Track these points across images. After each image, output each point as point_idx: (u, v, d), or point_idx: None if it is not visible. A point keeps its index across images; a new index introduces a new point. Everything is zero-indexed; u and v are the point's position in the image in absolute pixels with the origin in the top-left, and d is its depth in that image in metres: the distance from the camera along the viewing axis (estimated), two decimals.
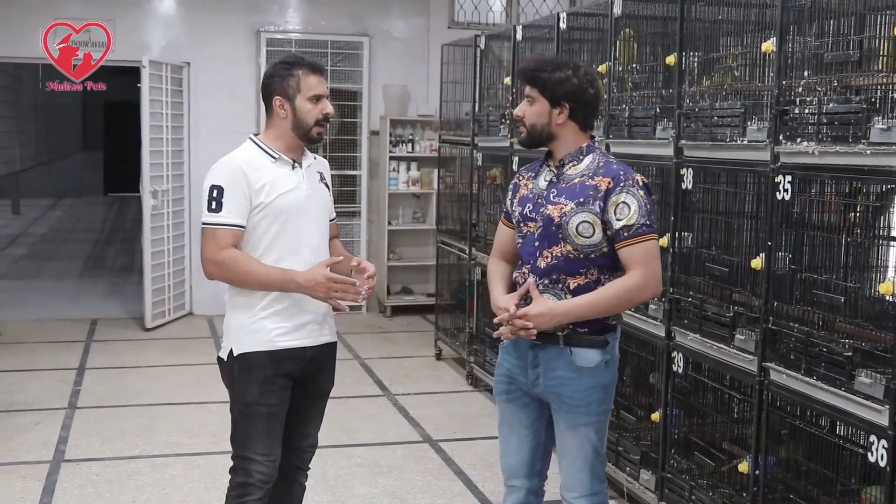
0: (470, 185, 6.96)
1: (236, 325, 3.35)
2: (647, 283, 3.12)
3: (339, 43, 9.21)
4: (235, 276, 3.28)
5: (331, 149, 9.31)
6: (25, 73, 18.57)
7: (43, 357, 7.47)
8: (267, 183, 3.28)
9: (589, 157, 3.22)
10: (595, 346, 3.18)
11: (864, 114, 3.12)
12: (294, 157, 3.39)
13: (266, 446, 3.34)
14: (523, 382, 3.30)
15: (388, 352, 7.94)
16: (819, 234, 3.51)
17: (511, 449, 3.40)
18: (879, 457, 3.04)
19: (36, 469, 5.10)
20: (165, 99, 8.59)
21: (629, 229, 3.09)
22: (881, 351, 3.11)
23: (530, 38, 6.00)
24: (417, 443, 5.66)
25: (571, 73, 3.17)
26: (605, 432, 3.30)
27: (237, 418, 3.38)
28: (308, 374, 3.43)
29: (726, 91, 3.93)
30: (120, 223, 17.99)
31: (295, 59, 3.41)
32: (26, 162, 21.15)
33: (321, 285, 3.25)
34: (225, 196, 3.24)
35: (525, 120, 3.24)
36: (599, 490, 3.29)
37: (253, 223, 3.29)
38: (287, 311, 3.33)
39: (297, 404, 3.45)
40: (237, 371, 3.33)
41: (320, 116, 3.36)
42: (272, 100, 3.36)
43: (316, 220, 3.43)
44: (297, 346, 3.36)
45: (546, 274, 3.18)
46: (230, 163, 3.30)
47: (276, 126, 3.37)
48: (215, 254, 3.25)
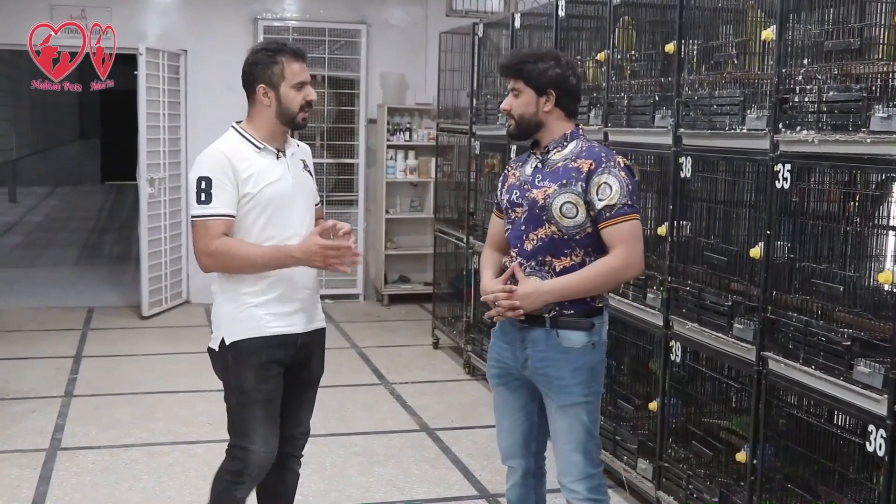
0: (468, 173, 6.95)
1: (227, 314, 3.33)
2: (631, 261, 3.19)
3: (336, 31, 9.18)
4: (231, 263, 3.26)
5: (328, 137, 9.30)
6: (22, 60, 18.50)
7: (39, 345, 7.46)
8: (253, 173, 3.26)
9: (573, 142, 3.30)
10: (581, 327, 3.24)
11: (864, 102, 3.11)
12: (278, 147, 3.36)
13: (265, 437, 3.33)
14: (513, 366, 3.37)
15: (386, 340, 7.93)
16: (818, 223, 3.50)
17: (505, 431, 3.50)
18: (878, 446, 3.03)
19: (32, 457, 5.09)
20: (162, 87, 8.56)
21: (611, 209, 3.15)
22: (880, 340, 3.11)
23: (529, 25, 5.97)
24: (415, 431, 5.66)
25: (553, 62, 3.29)
26: (596, 415, 3.34)
27: (234, 408, 3.36)
28: (299, 361, 3.42)
29: (725, 79, 3.92)
30: (117, 211, 17.96)
31: (277, 46, 3.35)
32: (23, 150, 21.11)
33: (317, 254, 3.25)
34: (214, 187, 3.21)
35: (513, 112, 3.33)
36: (595, 473, 3.32)
37: (241, 213, 3.26)
38: (277, 299, 3.32)
39: (289, 392, 3.44)
40: (231, 360, 3.31)
41: (304, 103, 3.33)
42: (255, 88, 3.32)
43: (302, 209, 3.41)
44: (288, 332, 3.35)
45: (532, 256, 3.26)
46: (216, 153, 3.26)
47: (260, 114, 3.34)
48: (207, 245, 3.22)
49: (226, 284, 3.34)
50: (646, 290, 4.36)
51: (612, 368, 4.66)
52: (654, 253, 4.36)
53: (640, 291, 4.42)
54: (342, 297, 9.39)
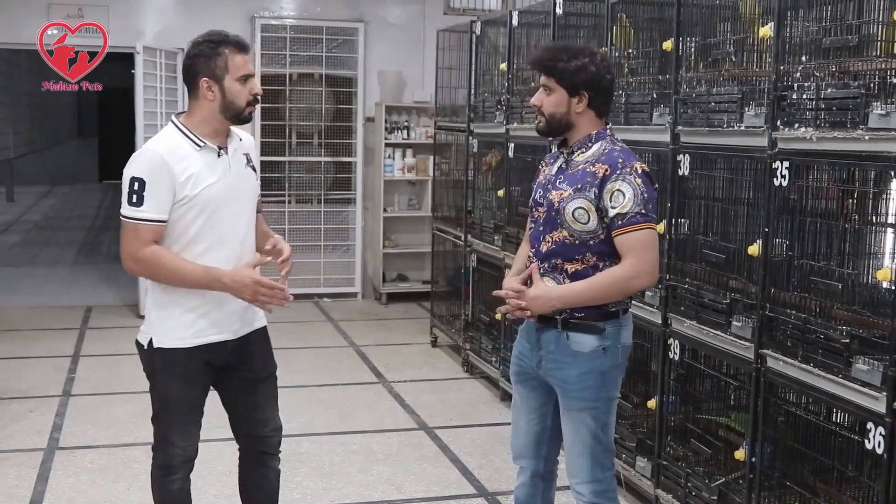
0: (466, 171, 6.94)
1: (157, 317, 3.28)
2: (638, 272, 3.11)
3: (334, 29, 9.17)
4: (157, 274, 3.19)
5: (326, 135, 9.30)
6: (21, 59, 18.50)
7: (37, 344, 7.45)
8: (192, 175, 3.15)
9: (597, 144, 3.22)
10: (591, 331, 3.19)
11: (862, 99, 3.11)
12: (220, 143, 3.24)
13: (185, 434, 3.35)
14: (530, 365, 3.35)
15: (384, 339, 7.92)
16: (816, 221, 3.49)
17: (519, 429, 3.47)
18: (877, 444, 3.03)
19: (30, 456, 5.08)
20: (160, 85, 8.53)
21: (623, 217, 3.09)
22: (878, 338, 3.11)
23: (526, 23, 5.97)
24: (413, 430, 5.65)
25: (588, 60, 3.16)
26: (606, 420, 3.28)
27: (158, 407, 3.36)
28: (234, 363, 3.37)
29: (723, 76, 3.91)
30: (114, 210, 17.74)
31: (220, 38, 3.21)
32: (20, 149, 21.11)
33: (248, 287, 3.17)
34: (147, 189, 3.09)
35: (543, 109, 3.23)
36: (602, 478, 3.29)
37: (177, 216, 3.16)
38: (205, 307, 3.25)
39: (236, 394, 3.41)
40: (158, 364, 3.28)
41: (250, 97, 3.22)
42: (197, 81, 3.18)
43: (243, 210, 3.31)
44: (216, 340, 3.29)
45: (546, 258, 3.23)
46: (152, 154, 3.14)
47: (202, 108, 3.21)
48: (136, 250, 3.13)
49: (158, 286, 3.26)
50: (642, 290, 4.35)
51: None
52: None
53: (636, 292, 4.40)
54: (340, 295, 9.39)
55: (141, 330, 3.34)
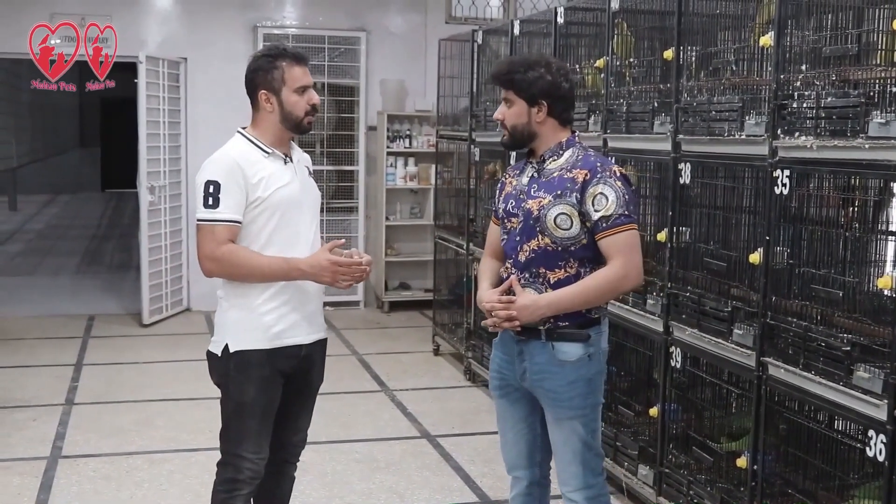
0: (467, 180, 6.96)
1: (234, 321, 3.31)
2: (628, 272, 3.15)
3: (336, 38, 9.20)
4: (236, 271, 3.25)
5: (328, 144, 9.31)
6: (22, 69, 18.53)
7: (40, 353, 7.46)
8: (264, 177, 3.25)
9: (569, 151, 3.26)
10: (576, 339, 3.21)
11: (862, 108, 3.11)
12: (284, 152, 3.36)
13: (257, 445, 3.33)
14: (512, 377, 3.35)
15: (386, 347, 7.93)
16: (817, 229, 3.50)
17: (509, 442, 3.47)
18: (878, 451, 3.04)
19: (33, 465, 5.09)
20: (162, 94, 8.57)
21: (607, 220, 3.12)
22: (879, 345, 3.11)
23: (528, 32, 5.99)
24: (415, 438, 5.66)
25: (544, 70, 3.22)
26: (595, 426, 3.31)
27: (230, 416, 3.35)
28: (301, 371, 3.42)
29: (724, 85, 3.92)
30: (117, 219, 17.97)
31: (278, 51, 3.34)
32: (23, 158, 21.14)
33: (327, 269, 3.25)
34: (222, 191, 3.20)
35: (506, 122, 3.29)
36: (594, 483, 3.30)
37: (250, 218, 3.25)
38: (284, 308, 3.31)
39: (289, 401, 3.44)
40: (233, 368, 3.30)
41: (308, 107, 3.33)
42: (257, 94, 3.32)
43: (310, 214, 3.42)
44: (293, 343, 3.34)
45: (526, 268, 3.23)
46: (225, 158, 3.26)
47: (264, 120, 3.34)
48: (213, 250, 3.21)
49: (234, 290, 3.32)
50: (646, 295, 4.36)
51: (612, 374, 4.66)
52: (653, 259, 4.36)
53: (639, 297, 4.42)
54: (343, 304, 9.39)
55: (213, 340, 3.37)
